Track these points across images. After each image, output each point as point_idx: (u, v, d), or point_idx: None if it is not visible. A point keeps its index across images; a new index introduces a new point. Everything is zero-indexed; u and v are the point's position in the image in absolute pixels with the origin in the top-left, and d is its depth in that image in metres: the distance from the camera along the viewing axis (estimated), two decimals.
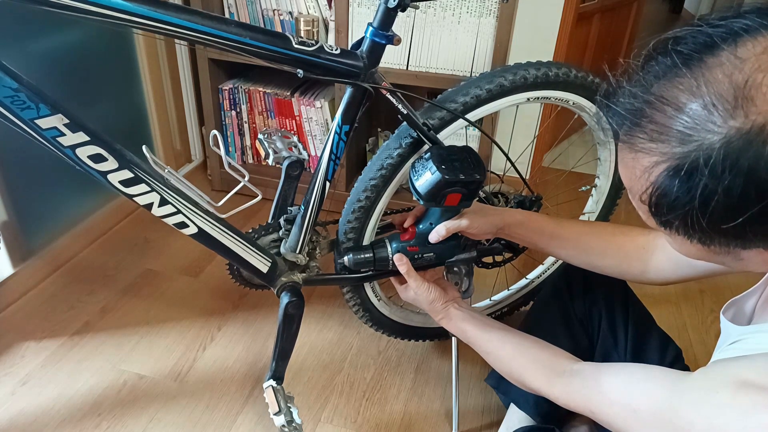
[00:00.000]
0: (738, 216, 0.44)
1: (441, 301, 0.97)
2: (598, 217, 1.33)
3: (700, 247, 0.51)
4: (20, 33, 1.28)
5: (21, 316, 1.37)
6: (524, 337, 0.88)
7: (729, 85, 0.43)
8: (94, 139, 0.78)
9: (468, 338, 0.94)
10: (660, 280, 0.91)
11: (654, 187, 0.48)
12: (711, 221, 0.46)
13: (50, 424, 1.13)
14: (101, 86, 1.55)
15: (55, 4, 0.67)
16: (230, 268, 1.05)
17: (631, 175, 0.51)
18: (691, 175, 0.45)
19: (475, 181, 0.92)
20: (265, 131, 1.15)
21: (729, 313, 0.69)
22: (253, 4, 1.67)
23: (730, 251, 0.51)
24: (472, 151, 0.96)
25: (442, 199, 0.93)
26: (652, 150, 0.47)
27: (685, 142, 0.45)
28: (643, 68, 0.49)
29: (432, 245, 1.01)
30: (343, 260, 1.03)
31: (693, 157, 0.44)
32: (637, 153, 0.48)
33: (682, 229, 0.49)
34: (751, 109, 0.42)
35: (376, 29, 0.89)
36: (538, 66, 1.06)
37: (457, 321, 0.96)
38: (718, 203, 0.44)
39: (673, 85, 0.46)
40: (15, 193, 1.35)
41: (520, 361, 0.85)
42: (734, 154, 0.42)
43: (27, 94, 0.71)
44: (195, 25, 0.76)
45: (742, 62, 0.43)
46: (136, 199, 0.84)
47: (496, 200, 1.13)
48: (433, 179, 0.91)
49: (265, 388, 1.07)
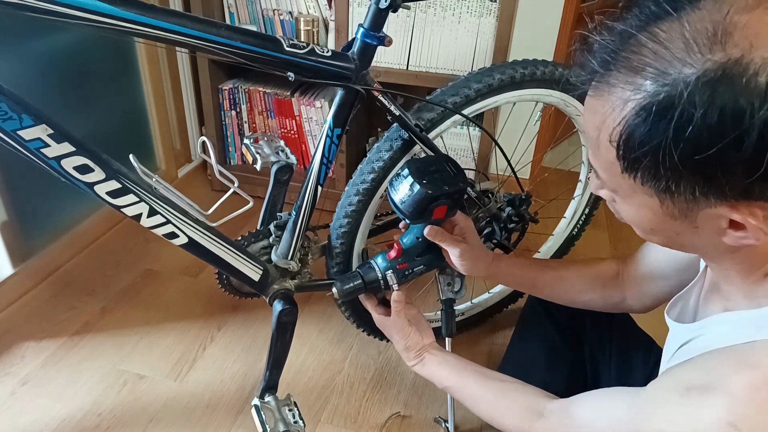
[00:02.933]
0: (712, 146, 0.44)
1: (416, 348, 0.96)
2: (585, 207, 1.35)
3: (658, 206, 0.51)
4: (20, 33, 1.29)
5: (21, 317, 1.37)
6: (501, 380, 0.88)
7: (709, 21, 0.44)
8: (80, 149, 0.75)
9: (442, 384, 0.93)
10: (639, 305, 0.94)
11: (626, 122, 0.47)
12: (683, 154, 0.45)
13: (50, 424, 1.13)
14: (101, 86, 1.55)
15: (34, 8, 0.64)
16: (219, 276, 1.04)
17: (600, 117, 0.50)
18: (667, 108, 0.45)
19: (459, 189, 0.89)
20: (249, 136, 1.14)
21: (674, 312, 0.70)
22: (253, 4, 1.67)
23: (689, 212, 0.50)
24: (448, 158, 0.93)
25: (429, 215, 0.89)
26: (626, 85, 0.47)
27: (661, 76, 0.45)
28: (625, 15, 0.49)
29: (420, 257, 0.98)
30: (332, 291, 0.99)
31: (668, 91, 0.45)
32: (611, 88, 0.48)
33: (649, 172, 0.49)
34: (729, 43, 0.43)
35: (367, 30, 0.88)
36: (525, 64, 1.06)
37: (431, 366, 0.94)
38: (693, 133, 0.44)
39: (655, 24, 0.47)
40: (15, 193, 1.35)
41: (498, 408, 0.84)
42: (711, 85, 0.43)
43: (8, 104, 0.68)
44: (184, 29, 0.74)
45: (722, 4, 0.45)
46: (124, 210, 0.81)
47: (486, 199, 1.13)
48: (416, 196, 0.87)
49: (252, 406, 1.05)
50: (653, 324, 1.06)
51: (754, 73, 0.42)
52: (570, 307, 1.04)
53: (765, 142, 0.43)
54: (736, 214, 0.48)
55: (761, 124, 0.42)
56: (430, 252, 0.99)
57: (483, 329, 1.42)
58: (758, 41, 0.42)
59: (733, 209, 0.48)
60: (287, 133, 1.81)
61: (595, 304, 0.98)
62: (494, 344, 1.39)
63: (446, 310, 1.06)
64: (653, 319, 1.03)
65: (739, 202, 0.47)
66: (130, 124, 1.71)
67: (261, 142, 1.13)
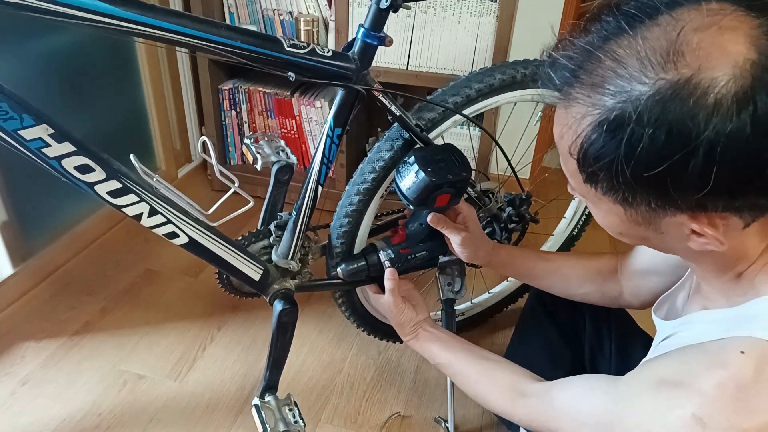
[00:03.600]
0: (661, 164, 0.45)
1: (411, 324, 0.98)
2: (586, 207, 1.34)
3: (622, 212, 0.53)
4: (20, 33, 1.29)
5: (21, 316, 1.37)
6: (488, 358, 0.89)
7: (664, 40, 0.45)
8: (81, 149, 0.74)
9: (434, 359, 0.95)
10: (636, 301, 0.94)
11: (583, 137, 0.49)
12: (635, 171, 0.46)
13: (50, 424, 1.13)
14: (101, 86, 1.55)
15: (34, 8, 0.64)
16: (220, 276, 1.04)
17: (562, 129, 0.51)
18: (619, 125, 0.46)
19: (462, 179, 0.91)
20: (250, 136, 1.14)
21: (662, 311, 0.72)
22: (253, 4, 1.67)
23: (651, 220, 0.52)
24: (454, 148, 0.95)
25: (433, 202, 0.92)
26: (585, 100, 0.48)
27: (617, 94, 0.46)
28: (588, 28, 0.50)
29: (423, 243, 1.00)
30: (336, 271, 1.02)
31: (622, 108, 0.46)
32: (570, 103, 0.49)
33: (606, 184, 0.50)
34: (681, 63, 0.44)
35: (368, 30, 0.88)
36: (526, 64, 1.06)
37: (424, 342, 0.96)
38: (643, 151, 0.45)
39: (613, 41, 0.48)
40: (15, 193, 1.35)
41: (484, 384, 0.86)
42: (661, 103, 0.44)
43: (9, 104, 0.68)
44: (184, 29, 0.73)
45: (677, 22, 0.45)
46: (125, 210, 0.81)
47: (486, 199, 1.13)
48: (420, 183, 0.89)
49: (252, 406, 1.05)
50: (652, 323, 1.06)
51: (703, 93, 0.43)
52: (570, 307, 1.04)
53: (711, 161, 0.43)
54: (695, 224, 0.49)
55: (707, 144, 0.43)
56: (432, 239, 1.01)
57: (483, 329, 1.42)
58: (708, 62, 0.43)
59: (691, 219, 0.49)
60: (287, 133, 1.81)
61: (593, 297, 0.98)
62: (494, 344, 1.39)
63: (446, 310, 1.07)
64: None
65: (697, 213, 0.48)
66: (130, 124, 1.71)
67: (261, 142, 1.13)
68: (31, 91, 1.32)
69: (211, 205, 0.94)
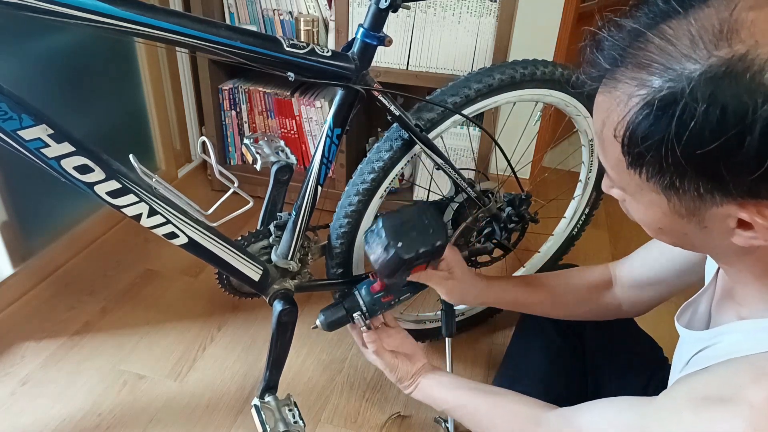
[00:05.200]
0: (715, 141, 0.43)
1: (408, 378, 0.95)
2: (585, 207, 1.34)
3: (665, 203, 0.51)
4: (20, 33, 1.29)
5: (21, 316, 1.37)
6: (495, 392, 0.87)
7: (716, 19, 0.44)
8: (80, 149, 0.74)
9: (440, 406, 0.92)
10: (635, 310, 0.94)
11: (630, 116, 0.47)
12: (686, 149, 0.45)
13: (50, 424, 1.13)
14: (101, 86, 1.55)
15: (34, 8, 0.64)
16: (219, 276, 1.04)
17: (604, 114, 0.50)
18: (669, 103, 0.45)
19: (437, 248, 0.84)
20: (249, 136, 1.14)
21: (684, 319, 0.68)
22: (253, 4, 1.67)
23: (696, 211, 0.50)
24: (427, 209, 0.88)
25: (407, 274, 0.87)
26: (632, 81, 0.47)
27: (666, 72, 0.45)
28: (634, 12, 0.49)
29: (406, 287, 0.96)
30: (316, 323, 0.98)
31: (671, 87, 0.45)
32: (615, 85, 0.48)
33: (653, 167, 0.48)
34: (734, 40, 0.43)
35: (367, 30, 0.88)
36: (525, 64, 1.06)
37: (425, 390, 0.93)
38: (696, 127, 0.43)
39: (663, 22, 0.47)
40: (15, 193, 1.35)
41: (497, 421, 0.83)
42: (715, 80, 0.43)
43: (8, 104, 0.68)
44: (184, 29, 0.73)
45: (730, 2, 0.44)
46: (124, 211, 0.81)
47: (486, 198, 1.13)
48: (390, 260, 0.83)
49: (252, 406, 1.05)
50: (653, 322, 1.06)
51: (759, 69, 0.41)
52: None
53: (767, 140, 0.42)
54: (744, 213, 0.47)
55: (764, 122, 0.41)
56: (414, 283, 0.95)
57: (483, 329, 1.42)
58: (764, 38, 0.42)
59: (740, 208, 0.47)
60: (287, 133, 1.81)
61: (594, 314, 0.98)
62: (494, 344, 1.39)
63: (446, 310, 1.06)
64: (653, 319, 1.03)
65: (747, 201, 0.46)
66: (130, 124, 1.71)
67: (261, 142, 1.13)
68: (30, 91, 1.32)
69: (210, 206, 0.94)
